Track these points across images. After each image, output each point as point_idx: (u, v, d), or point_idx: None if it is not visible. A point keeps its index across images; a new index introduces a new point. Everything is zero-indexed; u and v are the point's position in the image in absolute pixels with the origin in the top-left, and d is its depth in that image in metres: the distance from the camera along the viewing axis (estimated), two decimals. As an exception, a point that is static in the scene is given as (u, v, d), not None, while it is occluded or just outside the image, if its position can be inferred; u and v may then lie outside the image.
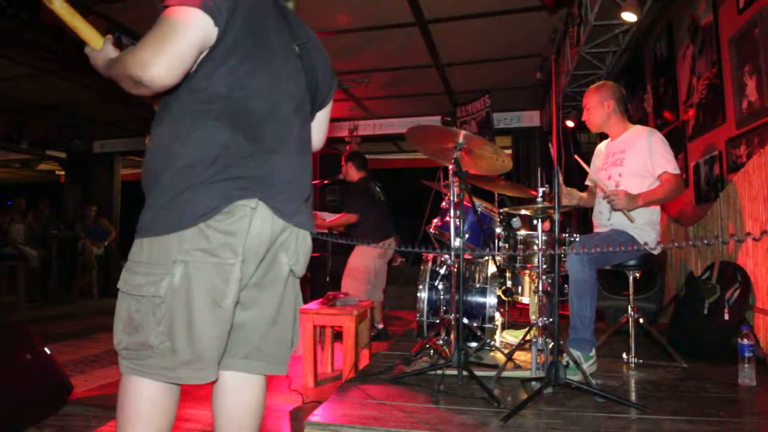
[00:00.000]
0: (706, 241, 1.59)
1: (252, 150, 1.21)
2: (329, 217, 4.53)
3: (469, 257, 3.12)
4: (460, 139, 2.28)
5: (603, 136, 2.87)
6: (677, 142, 3.81)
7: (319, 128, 1.55)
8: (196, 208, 1.14)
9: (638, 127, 2.67)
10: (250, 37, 1.23)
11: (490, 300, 2.89)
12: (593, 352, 2.33)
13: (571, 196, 2.80)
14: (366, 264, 4.29)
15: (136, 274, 1.17)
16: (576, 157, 2.52)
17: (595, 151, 2.92)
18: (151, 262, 1.16)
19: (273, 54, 1.30)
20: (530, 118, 6.99)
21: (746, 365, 2.15)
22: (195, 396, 2.63)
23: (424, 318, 2.96)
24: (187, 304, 1.14)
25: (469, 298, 2.93)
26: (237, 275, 1.18)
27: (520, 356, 2.64)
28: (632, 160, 2.57)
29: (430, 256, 3.14)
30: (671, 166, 2.48)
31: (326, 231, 4.85)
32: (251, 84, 1.23)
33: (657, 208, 2.59)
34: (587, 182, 2.90)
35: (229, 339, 1.27)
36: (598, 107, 2.68)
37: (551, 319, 2.21)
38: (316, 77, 1.43)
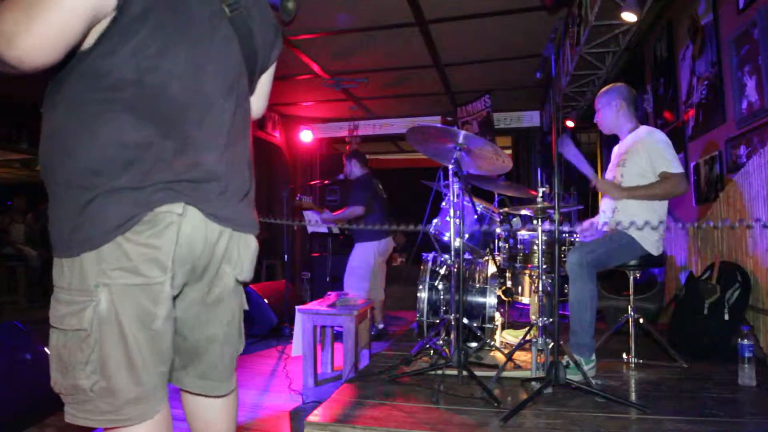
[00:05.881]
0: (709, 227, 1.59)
1: (175, 149, 0.99)
2: (333, 213, 4.55)
3: (469, 257, 3.13)
4: (460, 139, 2.28)
5: (612, 138, 2.86)
6: (677, 142, 3.80)
7: (260, 95, 1.33)
8: (108, 219, 0.93)
9: (643, 127, 2.67)
10: (162, 1, 0.97)
11: (490, 300, 2.89)
12: (593, 357, 2.33)
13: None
14: (367, 261, 4.34)
15: (59, 302, 0.97)
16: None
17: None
18: (73, 288, 0.95)
19: (194, 22, 1.03)
20: (530, 118, 6.99)
21: (746, 365, 2.15)
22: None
23: (424, 318, 2.96)
24: (120, 334, 0.95)
25: (469, 298, 2.93)
26: (168, 294, 1.00)
27: (520, 356, 2.65)
28: (633, 160, 2.57)
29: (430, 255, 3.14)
30: (671, 166, 2.48)
31: (326, 230, 4.85)
32: (167, 64, 0.98)
33: (662, 210, 2.56)
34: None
35: (181, 355, 1.16)
36: (607, 108, 2.70)
37: (551, 319, 2.21)
38: (253, 43, 1.17)
